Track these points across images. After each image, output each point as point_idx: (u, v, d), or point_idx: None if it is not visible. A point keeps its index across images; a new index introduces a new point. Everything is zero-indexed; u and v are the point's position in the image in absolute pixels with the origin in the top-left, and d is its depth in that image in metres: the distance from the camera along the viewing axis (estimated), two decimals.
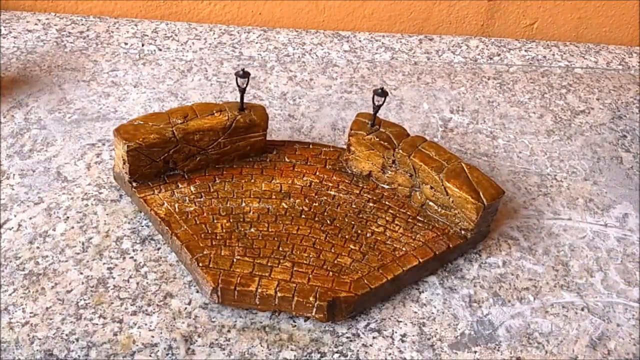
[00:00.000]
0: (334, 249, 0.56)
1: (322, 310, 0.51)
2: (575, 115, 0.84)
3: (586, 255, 0.63)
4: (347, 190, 0.62)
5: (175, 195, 0.58)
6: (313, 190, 0.61)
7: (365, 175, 0.63)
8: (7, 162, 0.65)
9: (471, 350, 0.52)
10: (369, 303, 0.54)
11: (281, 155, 0.65)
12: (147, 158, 0.57)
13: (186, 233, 0.55)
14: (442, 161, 0.59)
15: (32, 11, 0.92)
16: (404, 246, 0.57)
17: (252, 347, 0.50)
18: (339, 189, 0.62)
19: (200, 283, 0.52)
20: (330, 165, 0.64)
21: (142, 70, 0.81)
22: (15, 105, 0.73)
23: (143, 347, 0.49)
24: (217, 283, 0.51)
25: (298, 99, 0.80)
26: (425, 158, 0.59)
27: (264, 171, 0.63)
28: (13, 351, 0.48)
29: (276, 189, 0.61)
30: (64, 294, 0.52)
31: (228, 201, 0.59)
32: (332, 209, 0.59)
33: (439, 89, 0.86)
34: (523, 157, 0.75)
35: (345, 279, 0.53)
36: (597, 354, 0.53)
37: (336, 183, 0.62)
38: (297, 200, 0.60)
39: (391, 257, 0.56)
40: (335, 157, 0.66)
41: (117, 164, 0.59)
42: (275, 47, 0.90)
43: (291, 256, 0.54)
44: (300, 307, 0.51)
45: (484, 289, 0.58)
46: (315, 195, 0.61)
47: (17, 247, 0.56)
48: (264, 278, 0.52)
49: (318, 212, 0.59)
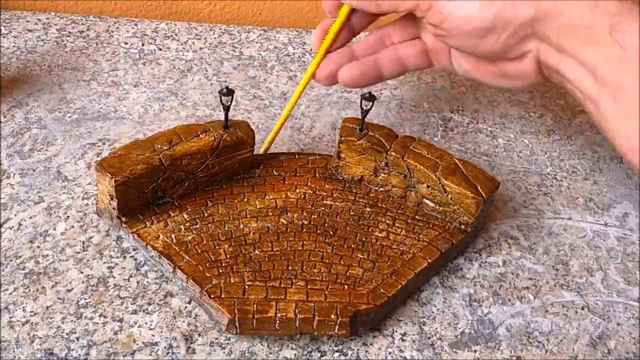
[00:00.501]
0: (343, 261, 0.55)
1: (345, 326, 0.50)
2: (575, 114, 0.84)
3: (586, 254, 0.63)
4: (342, 197, 0.61)
5: (169, 225, 0.56)
6: (309, 202, 0.60)
7: (357, 180, 0.63)
8: (7, 161, 0.65)
9: (471, 349, 0.52)
10: (387, 312, 0.54)
11: (269, 169, 0.63)
12: (136, 190, 0.55)
13: (190, 264, 0.53)
14: (435, 159, 0.59)
15: (32, 11, 0.92)
16: (411, 248, 0.56)
17: (252, 346, 0.50)
18: (334, 197, 0.61)
19: (214, 316, 0.50)
20: (319, 174, 0.63)
21: (142, 70, 0.82)
22: (15, 104, 0.73)
23: (143, 346, 0.49)
24: (234, 313, 0.49)
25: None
26: (418, 158, 0.59)
27: (255, 188, 0.61)
28: (13, 350, 0.48)
29: (271, 205, 0.59)
30: (64, 293, 0.52)
31: (225, 224, 0.57)
32: (331, 219, 0.59)
33: (439, 88, 0.86)
34: (523, 156, 0.75)
35: (362, 290, 0.52)
36: (597, 353, 0.53)
37: (330, 191, 0.62)
38: (295, 214, 0.59)
39: (401, 262, 0.55)
40: (323, 164, 0.64)
41: (101, 200, 0.56)
42: (276, 46, 0.90)
43: (302, 274, 0.53)
44: (323, 326, 0.50)
45: (484, 288, 0.58)
46: (312, 207, 0.60)
47: (18, 246, 0.56)
48: (281, 301, 0.50)
49: (319, 224, 0.58)
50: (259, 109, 0.77)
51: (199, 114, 0.75)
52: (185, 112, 0.75)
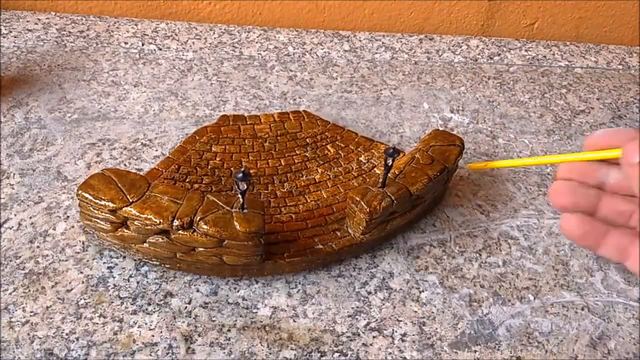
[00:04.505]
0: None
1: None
2: (575, 115, 0.84)
3: (586, 254, 0.63)
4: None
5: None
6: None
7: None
8: (7, 161, 0.65)
9: (471, 350, 0.52)
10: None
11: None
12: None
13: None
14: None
15: (32, 11, 0.92)
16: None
17: (252, 347, 0.50)
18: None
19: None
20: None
21: (142, 70, 0.81)
22: (15, 104, 0.73)
23: (143, 346, 0.49)
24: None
25: (298, 99, 0.80)
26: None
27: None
28: (13, 350, 0.48)
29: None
30: (64, 293, 0.52)
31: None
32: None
33: (439, 88, 0.86)
34: (523, 156, 0.75)
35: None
36: (597, 354, 0.53)
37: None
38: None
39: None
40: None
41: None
42: (276, 46, 0.90)
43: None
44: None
45: (484, 289, 0.58)
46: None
47: (17, 246, 0.56)
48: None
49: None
50: (259, 109, 0.77)
51: (198, 114, 0.75)
52: (185, 112, 0.75)
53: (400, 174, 0.59)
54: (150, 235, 0.52)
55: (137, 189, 0.53)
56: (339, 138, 0.70)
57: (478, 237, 0.63)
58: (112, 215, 0.52)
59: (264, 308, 0.54)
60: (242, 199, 0.52)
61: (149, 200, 0.52)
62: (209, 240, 0.51)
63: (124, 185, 0.53)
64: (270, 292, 0.55)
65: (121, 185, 0.53)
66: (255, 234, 0.51)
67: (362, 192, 0.56)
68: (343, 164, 0.66)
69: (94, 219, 0.53)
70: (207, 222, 0.50)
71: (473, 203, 0.67)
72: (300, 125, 0.71)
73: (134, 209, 0.51)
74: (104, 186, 0.53)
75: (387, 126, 0.77)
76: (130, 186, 0.53)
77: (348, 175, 0.65)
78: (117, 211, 0.52)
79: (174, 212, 0.51)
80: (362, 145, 0.69)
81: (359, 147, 0.68)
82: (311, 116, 0.72)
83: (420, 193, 0.58)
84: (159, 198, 0.52)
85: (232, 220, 0.51)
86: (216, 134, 0.68)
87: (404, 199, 0.56)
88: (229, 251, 0.52)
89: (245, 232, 0.50)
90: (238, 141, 0.67)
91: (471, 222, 0.64)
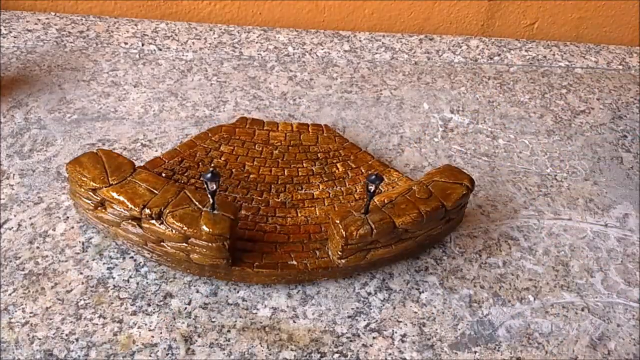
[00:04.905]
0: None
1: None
2: (575, 115, 0.84)
3: (586, 255, 0.63)
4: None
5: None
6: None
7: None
8: (7, 161, 0.64)
9: (471, 351, 0.52)
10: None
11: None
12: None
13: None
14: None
15: (32, 11, 0.92)
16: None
17: (252, 347, 0.50)
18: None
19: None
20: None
21: (142, 70, 0.81)
22: (15, 105, 0.73)
23: (143, 347, 0.49)
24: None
25: (298, 99, 0.80)
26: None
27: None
28: (13, 351, 0.48)
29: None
30: (63, 294, 0.52)
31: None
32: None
33: (439, 88, 0.86)
34: (523, 157, 0.75)
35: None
36: (597, 354, 0.53)
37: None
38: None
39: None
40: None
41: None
42: (275, 46, 0.90)
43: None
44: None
45: (484, 289, 0.58)
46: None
47: (17, 247, 0.56)
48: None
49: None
50: (259, 109, 0.77)
51: (198, 115, 0.75)
52: (185, 113, 0.75)
53: (389, 203, 0.55)
54: (124, 219, 0.53)
55: (121, 172, 0.54)
56: (352, 158, 0.67)
57: (478, 238, 0.63)
58: (93, 194, 0.53)
59: (263, 309, 0.54)
60: (212, 200, 0.51)
61: (127, 186, 0.53)
62: (174, 235, 0.51)
63: (110, 167, 0.54)
64: (270, 293, 0.55)
65: (107, 166, 0.54)
66: (219, 237, 0.50)
67: (342, 215, 0.53)
68: (347, 185, 0.63)
69: (78, 194, 0.55)
70: (174, 215, 0.51)
71: (473, 204, 0.67)
72: (316, 138, 0.69)
73: (111, 190, 0.52)
74: (91, 165, 0.54)
75: (387, 126, 0.77)
76: (115, 169, 0.54)
77: (349, 197, 0.62)
78: (97, 191, 0.53)
79: (147, 201, 0.52)
80: (375, 169, 0.66)
81: (369, 170, 0.65)
82: (330, 131, 0.70)
83: (408, 227, 0.54)
84: (138, 185, 0.53)
85: (200, 219, 0.51)
86: (229, 134, 0.67)
87: (385, 230, 0.53)
88: (194, 249, 0.52)
89: (208, 233, 0.50)
90: (248, 145, 0.66)
91: (471, 223, 0.64)
